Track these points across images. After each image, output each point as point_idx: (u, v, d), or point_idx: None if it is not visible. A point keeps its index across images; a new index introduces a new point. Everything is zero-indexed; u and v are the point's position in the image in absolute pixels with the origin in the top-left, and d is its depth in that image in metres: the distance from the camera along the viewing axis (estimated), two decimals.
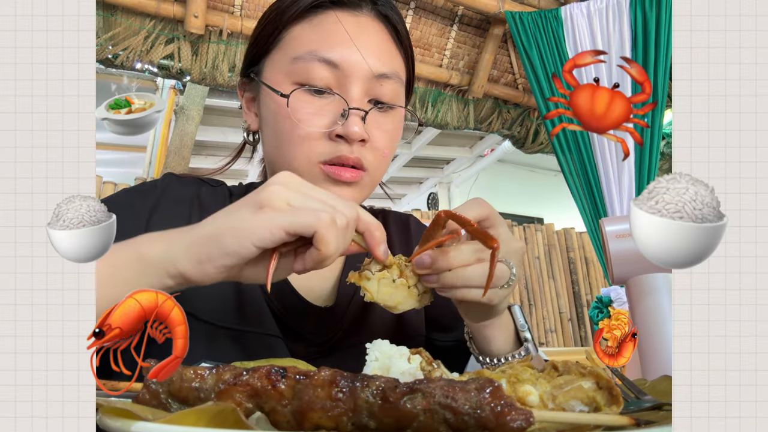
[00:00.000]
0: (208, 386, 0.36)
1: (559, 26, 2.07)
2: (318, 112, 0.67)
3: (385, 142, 0.70)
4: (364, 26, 0.70)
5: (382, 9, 0.72)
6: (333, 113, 0.67)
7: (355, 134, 0.65)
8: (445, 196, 6.40)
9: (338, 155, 0.66)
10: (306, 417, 0.33)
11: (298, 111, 0.67)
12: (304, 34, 0.69)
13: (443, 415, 0.32)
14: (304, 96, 0.67)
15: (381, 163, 0.72)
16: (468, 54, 2.42)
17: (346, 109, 0.66)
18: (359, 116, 0.66)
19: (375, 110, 0.69)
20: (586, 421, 0.35)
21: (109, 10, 1.89)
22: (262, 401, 0.34)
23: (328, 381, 0.33)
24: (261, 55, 0.73)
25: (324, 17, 0.69)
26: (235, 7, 2.03)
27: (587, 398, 0.37)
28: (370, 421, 0.33)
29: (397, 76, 0.71)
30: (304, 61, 0.67)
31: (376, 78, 0.68)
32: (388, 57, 0.71)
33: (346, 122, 0.65)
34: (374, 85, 0.69)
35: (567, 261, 4.62)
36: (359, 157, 0.67)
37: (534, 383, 0.39)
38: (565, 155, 2.07)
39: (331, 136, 0.66)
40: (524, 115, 2.63)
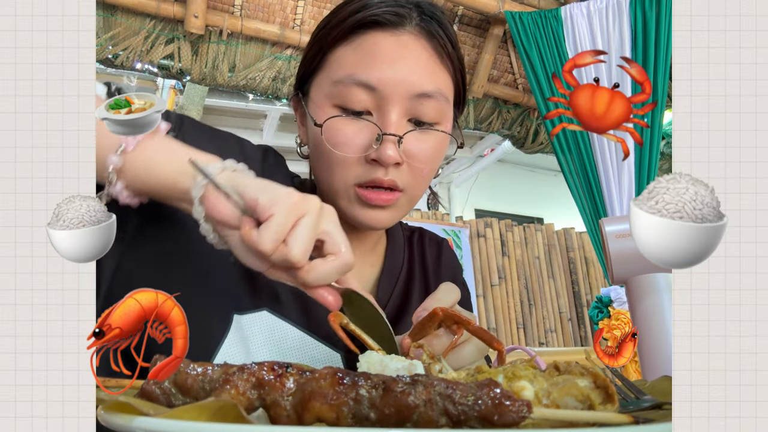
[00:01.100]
0: (215, 379, 0.36)
1: (559, 26, 2.07)
2: (354, 136, 0.67)
3: (423, 161, 0.70)
4: (405, 45, 0.69)
5: (426, 25, 0.71)
6: (368, 137, 0.67)
7: (389, 158, 0.65)
8: (445, 196, 6.40)
9: (373, 178, 0.67)
10: (307, 407, 0.33)
11: (334, 136, 0.67)
12: (345, 56, 0.69)
13: (443, 406, 0.32)
14: (340, 120, 0.67)
15: (419, 181, 0.71)
16: (468, 54, 2.42)
17: (379, 134, 0.66)
18: (393, 141, 0.66)
19: (416, 130, 0.69)
20: (584, 419, 0.35)
21: (109, 10, 1.89)
22: (265, 392, 0.35)
23: (331, 374, 0.34)
24: (308, 75, 0.74)
25: (364, 39, 0.68)
26: (235, 7, 2.03)
27: (581, 396, 0.38)
28: (370, 412, 0.33)
29: (440, 94, 0.70)
30: (343, 84, 0.67)
31: (416, 97, 0.68)
32: (430, 75, 0.69)
33: (380, 147, 0.65)
34: (414, 105, 0.68)
35: (567, 261, 4.63)
36: (394, 179, 0.67)
37: (531, 380, 0.39)
38: (565, 155, 2.07)
39: (366, 160, 0.67)
40: (524, 115, 2.63)
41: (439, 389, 0.33)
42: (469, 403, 0.32)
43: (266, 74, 2.14)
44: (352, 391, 0.33)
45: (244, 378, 0.35)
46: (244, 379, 0.35)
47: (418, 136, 0.69)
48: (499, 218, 4.52)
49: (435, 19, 0.72)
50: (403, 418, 0.33)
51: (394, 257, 0.85)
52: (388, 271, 0.82)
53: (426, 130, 0.70)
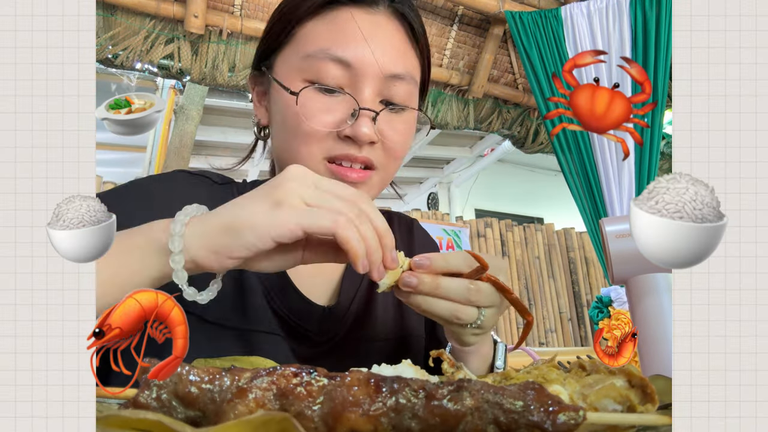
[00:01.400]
0: (225, 388, 0.33)
1: (559, 26, 2.06)
2: (327, 110, 0.66)
3: (397, 142, 0.69)
4: (379, 24, 0.69)
5: (399, 7, 0.71)
6: (343, 112, 0.66)
7: (364, 135, 0.64)
8: (445, 196, 6.40)
9: (346, 153, 0.66)
10: (340, 419, 0.30)
11: (308, 108, 0.66)
12: (317, 30, 0.68)
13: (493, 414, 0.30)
14: (314, 94, 0.66)
15: (392, 163, 0.71)
16: (468, 54, 2.42)
17: (356, 109, 0.65)
18: (369, 117, 0.65)
19: (386, 110, 0.68)
20: (630, 421, 0.34)
21: (109, 10, 1.89)
22: (288, 402, 0.31)
23: (364, 380, 0.31)
24: (273, 50, 0.73)
25: (338, 14, 0.68)
26: (235, 7, 2.03)
27: (620, 397, 0.37)
28: (412, 422, 0.30)
29: (410, 77, 0.70)
30: (316, 59, 0.66)
31: (389, 78, 0.67)
32: (403, 57, 0.69)
33: (356, 123, 0.64)
34: (387, 86, 0.68)
35: (567, 261, 4.62)
36: (368, 156, 0.67)
37: (562, 383, 0.39)
38: (565, 155, 2.06)
39: (339, 136, 0.66)
40: (524, 115, 2.63)
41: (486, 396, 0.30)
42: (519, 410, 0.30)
43: None
44: (390, 399, 0.30)
45: (264, 387, 0.32)
46: (263, 387, 0.32)
47: (390, 117, 0.69)
48: (499, 218, 4.51)
49: (406, 2, 0.72)
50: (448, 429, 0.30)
51: None
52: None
53: (398, 111, 0.70)
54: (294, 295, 0.71)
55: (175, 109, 3.47)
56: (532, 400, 0.30)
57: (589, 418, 0.31)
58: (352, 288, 0.78)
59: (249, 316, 0.68)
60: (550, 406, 0.30)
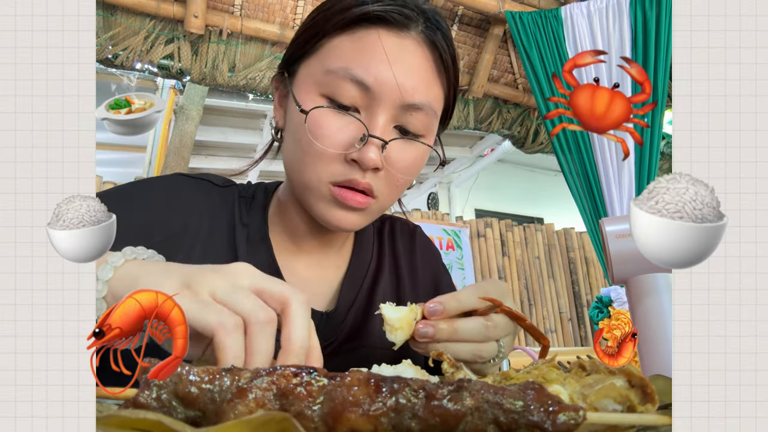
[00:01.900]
0: (225, 388, 0.33)
1: (559, 26, 2.06)
2: (338, 131, 0.64)
3: (403, 171, 0.68)
4: (407, 49, 0.66)
5: (431, 34, 0.68)
6: (353, 135, 0.64)
7: (370, 161, 0.63)
8: (445, 196, 6.40)
9: (350, 178, 0.64)
10: (340, 419, 0.30)
11: (318, 127, 0.64)
12: (342, 46, 0.66)
13: (493, 414, 0.30)
14: (327, 112, 0.65)
15: (393, 191, 0.69)
16: (468, 54, 2.42)
17: (366, 134, 0.63)
18: (377, 145, 0.64)
19: (399, 139, 0.67)
20: (630, 422, 0.34)
21: (109, 10, 1.89)
22: (288, 402, 0.31)
23: (364, 380, 0.31)
24: (298, 57, 0.71)
25: (366, 33, 0.66)
26: (235, 7, 2.03)
27: (620, 397, 0.37)
28: (412, 422, 0.30)
29: (430, 108, 0.67)
30: (336, 75, 0.64)
31: (407, 106, 0.65)
32: (426, 86, 0.67)
33: (363, 148, 0.63)
34: (403, 113, 0.66)
35: (567, 261, 4.63)
36: (370, 183, 0.65)
37: (562, 383, 0.38)
38: (565, 155, 2.07)
39: (346, 159, 0.64)
40: (524, 115, 2.63)
41: (486, 396, 0.30)
42: (519, 410, 0.30)
43: (266, 74, 2.14)
44: (390, 399, 0.30)
45: (264, 386, 0.32)
46: (263, 387, 0.32)
47: (401, 145, 0.67)
48: (499, 218, 4.52)
49: (440, 30, 0.69)
50: (448, 429, 0.30)
51: (361, 256, 0.82)
52: (353, 272, 0.80)
53: (410, 141, 0.68)
54: None
55: (175, 109, 3.47)
56: (532, 400, 0.30)
57: (589, 418, 0.31)
58: (352, 293, 0.77)
59: None
60: (550, 406, 0.30)
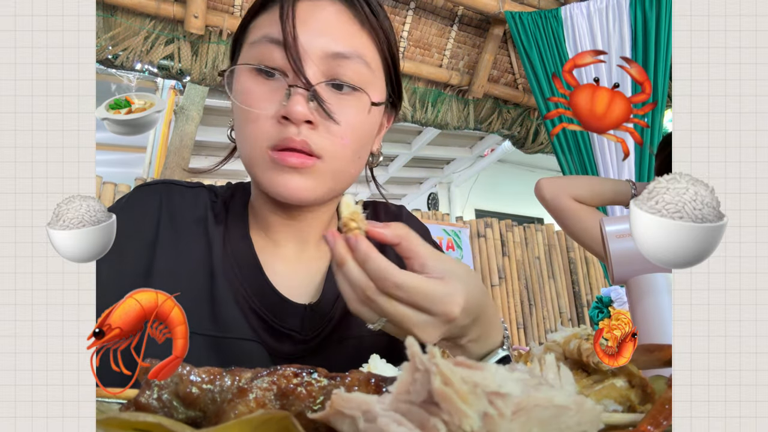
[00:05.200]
0: (225, 389, 0.33)
1: (559, 26, 2.07)
2: (268, 95, 0.64)
3: (344, 125, 0.65)
4: (322, 8, 0.67)
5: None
6: (281, 94, 0.64)
7: (297, 113, 0.61)
8: (445, 196, 6.40)
9: (284, 137, 0.63)
10: None
11: (248, 94, 0.65)
12: (260, 22, 0.68)
13: None
14: (254, 80, 0.65)
15: (340, 151, 0.67)
16: (468, 54, 2.42)
17: (289, 86, 0.63)
18: (303, 95, 0.62)
19: (334, 93, 0.65)
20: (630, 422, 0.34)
21: (109, 10, 1.89)
22: (289, 402, 0.32)
23: (364, 380, 0.31)
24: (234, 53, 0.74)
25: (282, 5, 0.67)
26: (235, 8, 2.03)
27: (621, 397, 0.37)
28: None
29: (360, 58, 0.67)
30: (258, 45, 0.66)
31: (332, 58, 0.65)
32: (347, 37, 0.67)
33: (289, 101, 0.62)
34: (332, 66, 0.65)
35: (567, 261, 4.63)
36: (306, 140, 0.63)
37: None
38: (565, 155, 2.07)
39: (278, 119, 0.63)
40: (524, 115, 2.63)
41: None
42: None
43: None
44: None
45: (264, 387, 0.32)
46: (264, 388, 0.32)
47: (337, 98, 0.65)
48: (499, 218, 4.51)
49: None
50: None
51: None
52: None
53: (347, 94, 0.66)
54: (272, 295, 0.71)
55: (175, 109, 3.47)
56: None
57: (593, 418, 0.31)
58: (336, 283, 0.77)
59: (221, 323, 0.67)
60: None
